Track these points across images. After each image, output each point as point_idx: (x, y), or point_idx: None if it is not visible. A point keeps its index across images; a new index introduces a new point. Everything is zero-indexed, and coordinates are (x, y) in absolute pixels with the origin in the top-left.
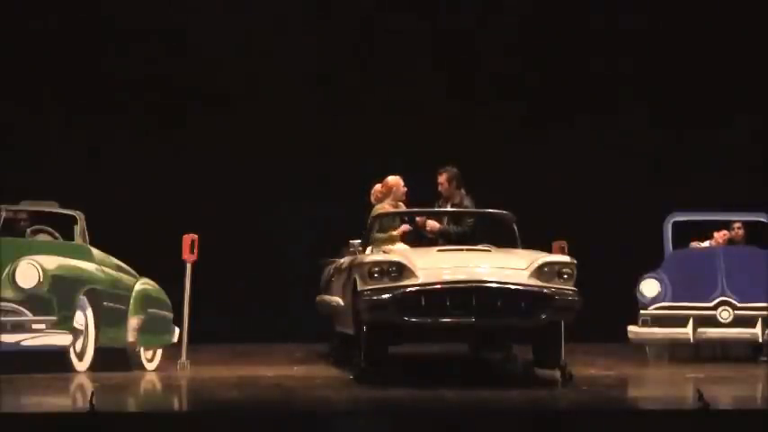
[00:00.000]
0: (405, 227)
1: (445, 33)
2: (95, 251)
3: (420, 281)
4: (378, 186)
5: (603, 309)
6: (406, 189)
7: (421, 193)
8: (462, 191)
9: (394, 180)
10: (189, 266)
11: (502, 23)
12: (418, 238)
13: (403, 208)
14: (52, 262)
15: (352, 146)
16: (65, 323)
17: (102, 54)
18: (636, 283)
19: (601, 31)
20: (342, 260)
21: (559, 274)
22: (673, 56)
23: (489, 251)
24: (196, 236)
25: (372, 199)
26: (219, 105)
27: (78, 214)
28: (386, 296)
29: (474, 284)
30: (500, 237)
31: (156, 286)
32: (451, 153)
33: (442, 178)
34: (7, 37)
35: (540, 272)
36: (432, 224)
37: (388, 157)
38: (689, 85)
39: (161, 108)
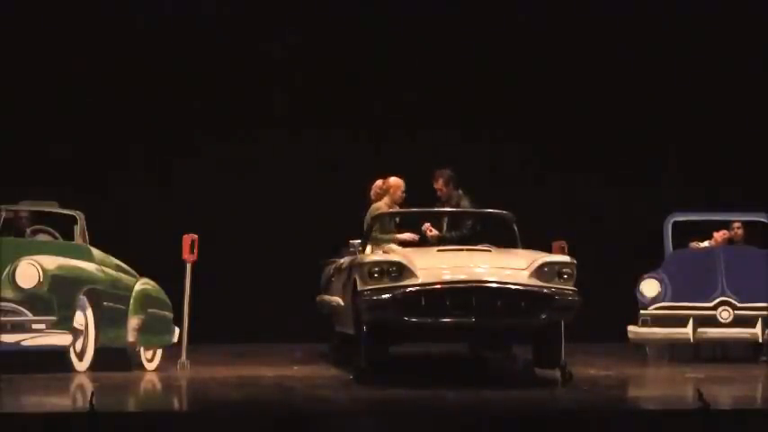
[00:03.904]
0: (412, 236)
1: (445, 35)
2: (95, 251)
3: (420, 281)
4: (379, 182)
5: (603, 309)
6: (404, 195)
7: (421, 196)
8: (459, 191)
9: (395, 181)
10: (189, 266)
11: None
12: (419, 242)
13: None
14: (52, 262)
15: (353, 145)
16: (65, 323)
17: (100, 52)
18: (636, 283)
19: (600, 28)
20: (342, 260)
21: (559, 274)
22: (672, 55)
23: (489, 251)
24: (196, 236)
25: (372, 194)
26: (219, 105)
27: (78, 214)
28: (386, 296)
29: (474, 284)
30: (500, 237)
31: (156, 286)
32: (451, 153)
33: (439, 184)
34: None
35: (540, 272)
36: (432, 234)
37: (388, 158)
38: (689, 84)
39: (161, 108)
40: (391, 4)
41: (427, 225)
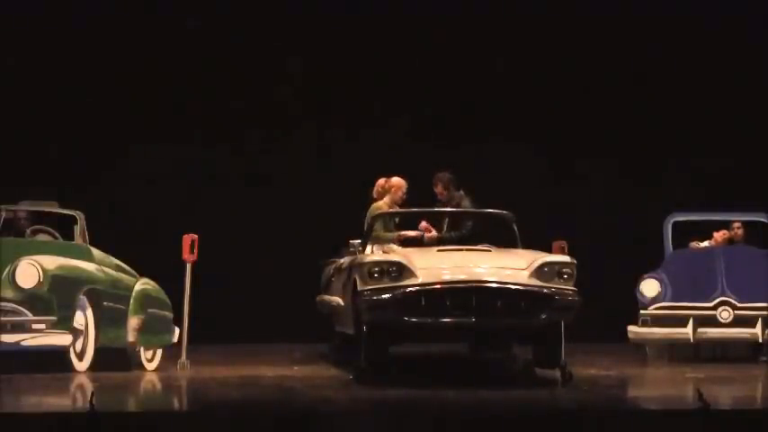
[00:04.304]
0: (417, 232)
1: (445, 35)
2: (95, 251)
3: (420, 281)
4: (382, 180)
5: (603, 309)
6: (405, 196)
7: (422, 197)
8: (461, 191)
9: (397, 181)
10: (189, 266)
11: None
12: (419, 241)
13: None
14: (52, 262)
15: (354, 145)
16: (65, 323)
17: (97, 52)
18: (636, 283)
19: (599, 28)
20: (342, 260)
21: (559, 274)
22: (672, 55)
23: (489, 251)
24: (196, 236)
25: (374, 192)
26: (220, 105)
27: (78, 214)
28: (386, 296)
29: (474, 284)
30: (500, 237)
31: (156, 286)
32: (452, 153)
33: (439, 188)
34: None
35: (540, 272)
36: (430, 236)
37: (389, 159)
38: (688, 84)
39: (160, 108)
40: (392, 3)
41: (424, 224)
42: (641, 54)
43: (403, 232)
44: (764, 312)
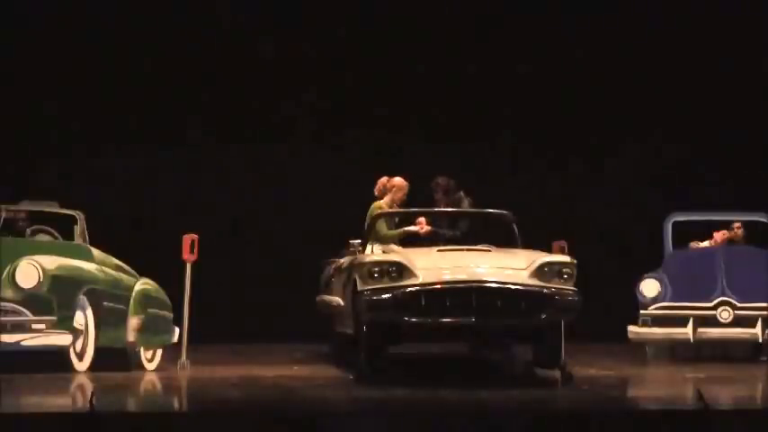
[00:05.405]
0: (418, 227)
1: (445, 36)
2: (95, 251)
3: (420, 281)
4: (384, 179)
5: (603, 309)
6: (405, 197)
7: (422, 198)
8: (461, 193)
9: (399, 182)
10: (189, 266)
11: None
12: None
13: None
14: (52, 262)
15: (354, 146)
16: (65, 323)
17: (101, 51)
18: (636, 283)
19: (599, 27)
20: (342, 260)
21: (559, 274)
22: (673, 55)
23: (489, 251)
24: (196, 236)
25: (376, 190)
26: (220, 105)
27: (78, 214)
28: (386, 296)
29: (474, 284)
30: (500, 237)
31: (156, 286)
32: (453, 153)
33: (438, 195)
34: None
35: (540, 272)
36: (425, 231)
37: (390, 158)
38: (690, 85)
39: (159, 107)
40: (395, 7)
41: (420, 220)
42: (641, 53)
43: (406, 228)
44: (764, 312)
